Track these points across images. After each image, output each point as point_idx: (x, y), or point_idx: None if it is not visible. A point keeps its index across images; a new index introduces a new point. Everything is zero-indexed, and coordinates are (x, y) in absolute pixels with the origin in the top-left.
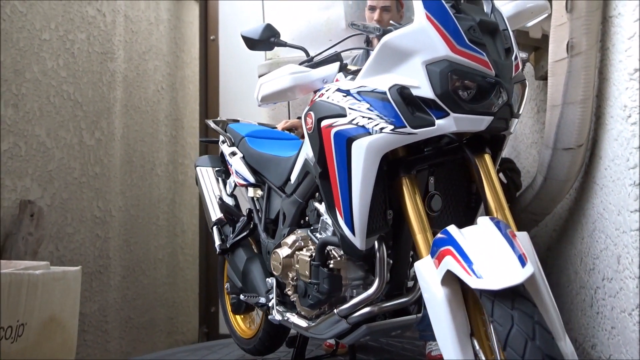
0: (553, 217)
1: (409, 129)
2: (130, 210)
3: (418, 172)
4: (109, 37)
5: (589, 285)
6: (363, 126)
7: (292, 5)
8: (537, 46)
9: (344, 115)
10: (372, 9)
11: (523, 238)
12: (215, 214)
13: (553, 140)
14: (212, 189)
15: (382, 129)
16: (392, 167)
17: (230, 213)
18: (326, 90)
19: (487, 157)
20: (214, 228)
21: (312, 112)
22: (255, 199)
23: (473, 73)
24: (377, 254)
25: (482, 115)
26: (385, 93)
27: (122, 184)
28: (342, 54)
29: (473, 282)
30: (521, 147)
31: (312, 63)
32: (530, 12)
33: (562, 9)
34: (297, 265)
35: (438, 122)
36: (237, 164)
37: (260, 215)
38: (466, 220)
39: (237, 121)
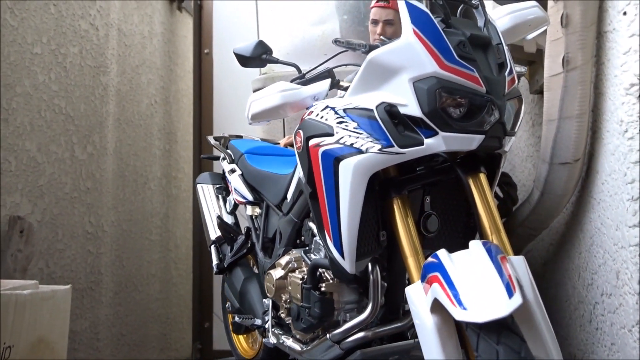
0: (550, 232)
1: (396, 149)
2: (122, 225)
3: (412, 191)
4: (102, 51)
5: (587, 300)
6: (350, 145)
7: (286, 20)
8: (532, 60)
9: (332, 134)
10: (375, 22)
11: (518, 263)
12: (214, 232)
13: (550, 155)
14: (211, 206)
15: (369, 148)
16: (384, 187)
17: (229, 231)
18: (315, 108)
19: (482, 177)
20: (212, 247)
21: (301, 131)
22: (253, 217)
23: (462, 90)
24: (371, 277)
25: (472, 133)
26: (372, 111)
27: (114, 198)
28: (338, 70)
29: (457, 314)
30: (516, 160)
31: (303, 80)
32: (528, 25)
33: (557, 24)
34: (289, 288)
35: (427, 141)
36: (235, 181)
37: (258, 233)
38: (465, 241)
39: (240, 137)
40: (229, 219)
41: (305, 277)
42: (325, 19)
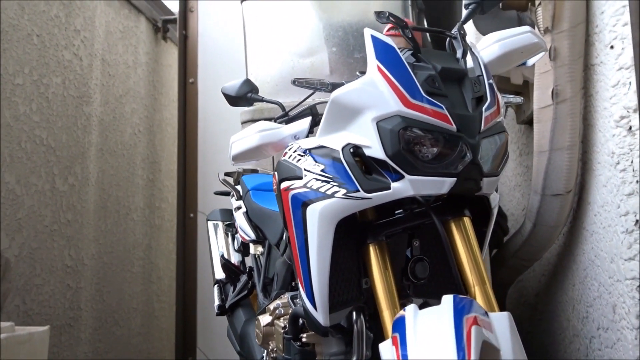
0: (541, 262)
1: (362, 194)
2: (103, 258)
3: (394, 235)
4: (85, 81)
5: (583, 334)
6: (317, 190)
7: (274, 51)
8: (519, 92)
9: (300, 177)
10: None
11: (500, 320)
12: (218, 272)
13: (541, 186)
14: (217, 245)
15: (335, 193)
16: (362, 232)
17: (232, 271)
18: (289, 149)
19: (467, 221)
20: (215, 287)
21: (276, 173)
22: (256, 256)
23: (428, 130)
24: (355, 327)
25: (443, 176)
26: (338, 152)
27: (95, 230)
28: (320, 106)
29: None
30: (504, 189)
31: (286, 118)
32: (520, 53)
33: (545, 57)
34: (275, 336)
35: (394, 185)
36: (239, 219)
37: (260, 273)
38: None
39: (256, 171)
40: (236, 257)
41: (287, 326)
42: (315, 51)
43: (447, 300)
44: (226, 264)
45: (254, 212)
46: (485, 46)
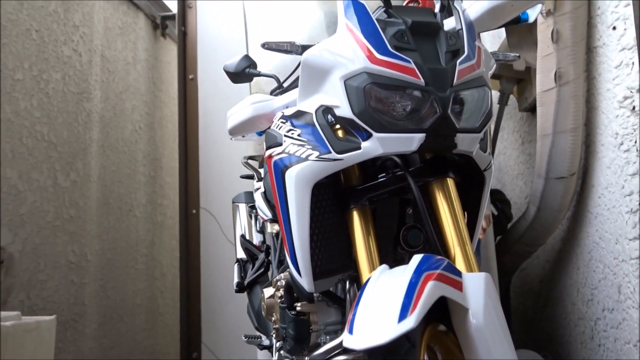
0: (545, 249)
1: (334, 155)
2: (107, 254)
3: (387, 202)
4: (85, 77)
5: (588, 316)
6: (293, 154)
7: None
8: (521, 78)
9: (280, 144)
10: None
11: (474, 281)
12: (239, 252)
13: (545, 170)
14: (239, 226)
15: (309, 156)
16: (347, 198)
17: (250, 250)
18: (275, 119)
19: (451, 182)
20: (235, 266)
21: (264, 143)
22: (273, 234)
23: (395, 85)
24: (347, 296)
25: (412, 132)
26: (312, 116)
27: (98, 226)
28: None
29: (345, 340)
30: (506, 178)
31: (281, 90)
32: (510, 6)
33: (547, 40)
34: (275, 307)
35: (363, 144)
36: (258, 199)
37: (275, 250)
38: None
39: None
40: (257, 238)
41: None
42: (315, 38)
43: (416, 259)
44: (244, 243)
45: (269, 191)
46: (474, 2)
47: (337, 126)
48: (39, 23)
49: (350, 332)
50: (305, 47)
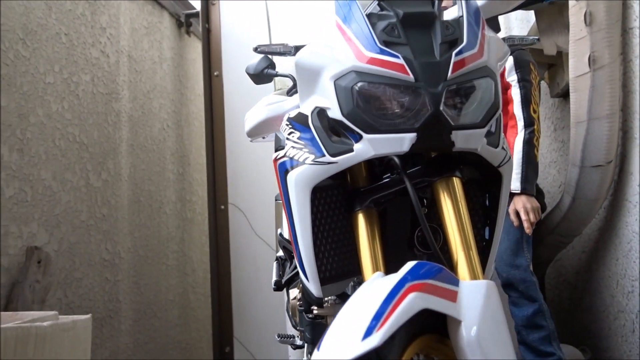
0: (581, 239)
1: (328, 158)
2: (139, 251)
3: (398, 201)
4: (113, 78)
5: (628, 309)
6: (293, 157)
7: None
8: (552, 63)
9: (283, 147)
10: None
11: (473, 289)
12: (279, 250)
13: (580, 158)
14: (279, 223)
15: (305, 159)
16: (352, 201)
17: (288, 248)
18: (283, 121)
19: (456, 181)
20: (274, 264)
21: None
22: None
23: (383, 83)
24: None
25: (402, 132)
26: (308, 118)
27: (130, 224)
28: None
29: (313, 356)
30: (539, 167)
31: (296, 89)
32: None
33: (580, 23)
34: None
35: (355, 146)
36: None
37: None
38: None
39: None
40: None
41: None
42: None
43: (406, 267)
44: (284, 242)
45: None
46: None
47: (330, 128)
48: (67, 26)
49: (318, 348)
50: (298, 48)
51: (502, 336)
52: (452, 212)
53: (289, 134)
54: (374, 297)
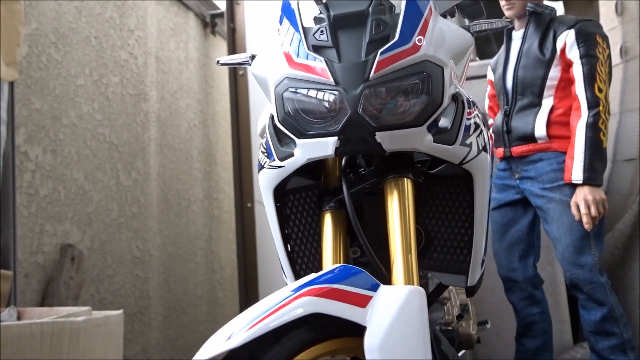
0: (613, 235)
1: (277, 162)
2: (168, 249)
3: (373, 200)
4: (142, 79)
5: None
6: (260, 161)
7: None
8: None
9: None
10: None
11: (392, 295)
12: None
13: (612, 152)
14: None
15: (264, 164)
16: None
17: None
18: None
19: (408, 182)
20: None
21: None
22: None
23: (304, 87)
24: None
25: (326, 137)
26: (268, 123)
27: (159, 222)
28: None
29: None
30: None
31: None
32: None
33: (611, 13)
34: None
35: (295, 151)
36: None
37: None
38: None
39: None
40: None
41: None
42: None
43: (326, 269)
44: None
45: None
46: None
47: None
48: (97, 29)
49: (204, 345)
50: (254, 57)
51: (411, 344)
52: (397, 213)
53: (263, 139)
54: (267, 300)
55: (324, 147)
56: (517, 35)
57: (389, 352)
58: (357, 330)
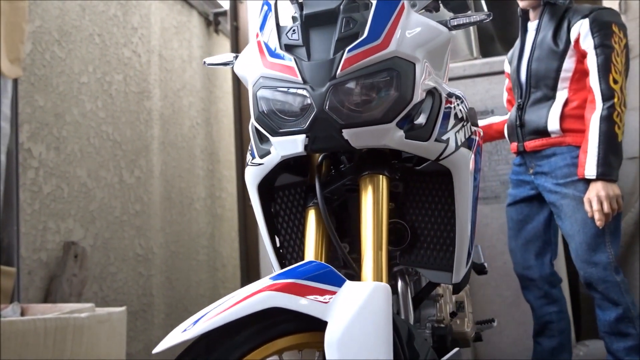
0: None
1: (258, 160)
2: (170, 247)
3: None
4: (145, 77)
5: None
6: (246, 159)
7: None
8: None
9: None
10: None
11: (357, 291)
12: None
13: None
14: None
15: (249, 161)
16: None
17: None
18: None
19: (383, 179)
20: None
21: None
22: None
23: (275, 86)
24: None
25: (295, 134)
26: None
27: (162, 220)
28: None
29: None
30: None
31: None
32: None
33: None
34: None
35: (271, 149)
36: None
37: None
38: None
39: None
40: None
41: None
42: None
43: (295, 265)
44: None
45: None
46: None
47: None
48: (100, 27)
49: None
50: (237, 57)
51: (372, 340)
52: (370, 210)
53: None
54: (232, 295)
55: (294, 144)
56: (532, 27)
57: (348, 348)
58: (325, 326)
